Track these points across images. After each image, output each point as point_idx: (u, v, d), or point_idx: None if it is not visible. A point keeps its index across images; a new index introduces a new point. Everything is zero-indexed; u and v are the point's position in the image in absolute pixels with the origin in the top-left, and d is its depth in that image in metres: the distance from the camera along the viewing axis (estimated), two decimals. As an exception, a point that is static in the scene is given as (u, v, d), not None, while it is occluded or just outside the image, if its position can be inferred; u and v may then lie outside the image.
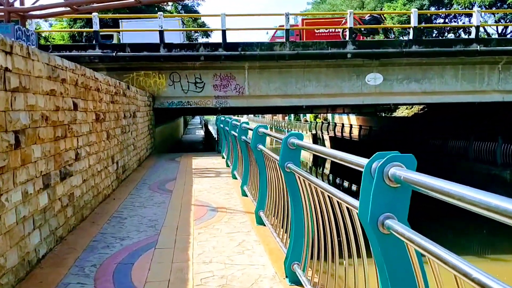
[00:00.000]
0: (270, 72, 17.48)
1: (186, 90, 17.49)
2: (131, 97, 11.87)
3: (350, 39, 16.91)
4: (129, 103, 11.40)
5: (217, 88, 17.54)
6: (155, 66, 17.19)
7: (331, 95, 17.61)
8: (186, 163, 13.31)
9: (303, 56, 16.82)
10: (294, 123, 61.30)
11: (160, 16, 16.76)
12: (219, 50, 16.82)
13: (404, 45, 16.81)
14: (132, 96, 11.96)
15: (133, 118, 11.96)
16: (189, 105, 17.58)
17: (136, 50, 16.71)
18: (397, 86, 17.55)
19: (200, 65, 17.15)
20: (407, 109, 40.76)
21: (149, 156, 15.18)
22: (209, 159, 14.11)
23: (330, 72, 17.52)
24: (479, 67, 17.33)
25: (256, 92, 17.59)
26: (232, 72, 17.47)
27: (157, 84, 17.42)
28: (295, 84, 17.54)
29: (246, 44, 16.82)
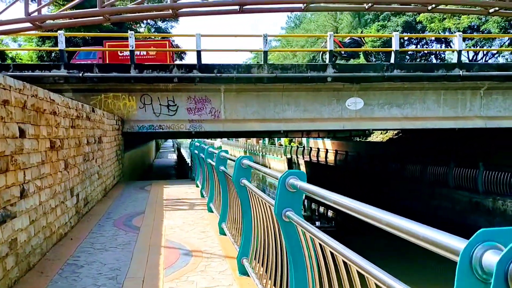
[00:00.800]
0: (248, 95, 16.70)
1: (158, 113, 16.50)
2: (97, 121, 10.83)
3: (331, 63, 16.32)
4: (93, 127, 10.35)
5: (191, 112, 16.61)
6: (125, 88, 16.19)
7: (311, 120, 16.90)
8: (156, 192, 12.25)
9: (282, 79, 16.11)
10: (268, 147, 60.67)
11: (131, 36, 15.84)
12: (194, 71, 15.96)
13: (386, 69, 16.31)
14: (97, 120, 10.91)
15: (98, 144, 10.90)
16: (161, 129, 16.57)
17: (104, 71, 15.70)
18: (378, 111, 16.98)
19: (174, 87, 16.24)
20: (381, 134, 40.61)
21: (116, 185, 14.04)
22: (182, 188, 13.08)
23: (309, 96, 16.85)
24: (461, 92, 16.96)
25: (233, 116, 16.73)
26: (207, 95, 16.60)
27: (127, 107, 16.38)
28: (274, 108, 16.78)
29: (223, 66, 16.02)
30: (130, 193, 12.20)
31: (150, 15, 13.59)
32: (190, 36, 16.42)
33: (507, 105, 16.97)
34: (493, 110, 16.98)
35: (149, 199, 11.04)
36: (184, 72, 15.94)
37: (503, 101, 16.96)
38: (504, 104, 16.97)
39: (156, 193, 12.12)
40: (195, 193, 11.87)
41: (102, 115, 11.82)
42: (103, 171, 11.66)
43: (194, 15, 13.47)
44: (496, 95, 16.92)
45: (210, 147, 9.57)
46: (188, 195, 11.72)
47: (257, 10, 13.27)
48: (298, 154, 45.82)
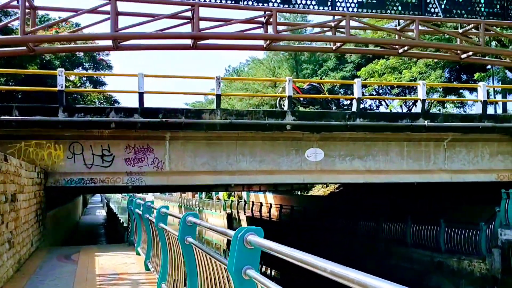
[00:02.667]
0: (197, 144, 14.66)
1: (90, 165, 13.98)
2: (10, 173, 8.30)
3: (290, 109, 14.79)
4: (5, 181, 7.83)
5: (130, 163, 14.25)
6: (51, 135, 13.63)
7: (268, 172, 15.07)
8: (86, 264, 9.65)
9: (237, 127, 14.30)
10: (205, 202, 57.92)
11: (61, 73, 13.49)
12: (135, 116, 13.77)
13: (348, 117, 15.02)
14: (11, 172, 8.39)
15: (11, 203, 8.32)
16: (93, 184, 14.00)
17: (26, 113, 13.12)
18: (339, 163, 15.51)
19: (110, 134, 13.89)
20: (323, 188, 39.64)
21: (35, 253, 11.21)
22: (119, 257, 10.54)
23: (266, 145, 15.11)
24: (424, 144, 15.96)
25: (179, 168, 14.55)
26: (150, 143, 14.37)
27: (52, 157, 13.74)
28: (227, 159, 14.81)
29: (169, 110, 13.98)
30: (52, 265, 9.51)
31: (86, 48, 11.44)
32: (131, 76, 14.35)
33: (470, 158, 16.14)
34: (457, 163, 16.06)
35: (77, 275, 8.46)
36: (123, 117, 13.69)
37: (466, 154, 16.13)
38: (468, 157, 16.12)
39: (86, 265, 9.53)
40: (138, 265, 9.42)
41: (19, 166, 9.27)
42: (17, 238, 8.98)
43: (139, 49, 11.52)
44: (460, 147, 16.08)
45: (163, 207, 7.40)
46: (129, 267, 9.24)
47: (214, 47, 11.58)
48: (239, 209, 43.61)
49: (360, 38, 11.65)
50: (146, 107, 13.95)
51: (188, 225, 4.77)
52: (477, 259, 16.16)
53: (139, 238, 10.70)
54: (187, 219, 4.78)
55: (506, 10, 12.47)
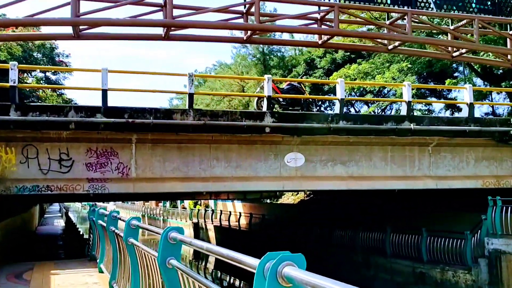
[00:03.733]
0: (167, 147, 13.33)
1: (46, 170, 12.43)
2: None
3: (269, 110, 13.70)
4: None
5: (91, 168, 12.78)
6: (1, 136, 12.02)
7: (244, 178, 13.89)
8: (40, 283, 8.20)
9: (212, 128, 13.08)
10: (170, 211, 56.00)
11: (13, 67, 11.93)
12: (97, 116, 12.34)
13: (331, 120, 14.05)
14: None
15: None
16: (49, 191, 12.44)
17: (-30, 111, 11.51)
18: (321, 169, 14.50)
19: (69, 136, 12.40)
20: (292, 195, 38.73)
21: (-23, 272, 9.63)
22: (80, 276, 9.10)
23: (243, 150, 13.94)
24: (408, 148, 15.16)
25: (147, 174, 13.17)
26: (114, 147, 12.95)
27: (3, 161, 12.13)
28: (199, 164, 13.54)
29: (136, 110, 12.63)
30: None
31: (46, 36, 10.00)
32: (94, 71, 12.94)
33: (455, 164, 15.45)
34: (442, 169, 15.32)
35: (26, 301, 7.04)
36: (84, 116, 12.25)
37: (451, 159, 15.42)
38: (452, 163, 15.42)
39: (40, 285, 8.07)
40: (101, 285, 8.04)
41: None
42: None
43: (103, 38, 10.18)
44: (445, 152, 15.36)
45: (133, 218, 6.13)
46: (90, 287, 7.85)
47: (188, 38, 10.34)
48: (206, 218, 42.09)
49: (350, 31, 10.71)
50: (110, 106, 12.56)
51: (171, 243, 3.56)
52: (462, 270, 15.41)
53: (102, 253, 9.32)
54: (169, 235, 3.54)
55: (497, 7, 11.83)
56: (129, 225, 5.74)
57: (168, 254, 3.55)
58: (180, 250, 3.69)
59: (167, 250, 3.55)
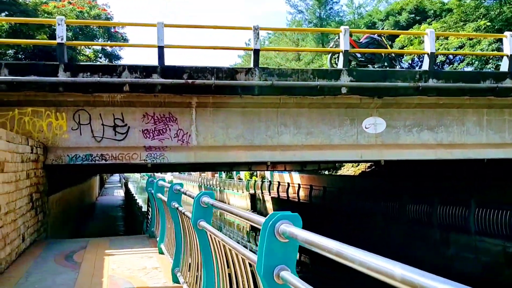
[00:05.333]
0: (230, 112, 11.88)
1: (100, 138, 11.33)
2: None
3: (345, 68, 11.87)
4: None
5: (148, 135, 11.55)
6: (51, 100, 10.96)
7: (316, 147, 12.25)
8: (92, 270, 7.02)
9: (280, 90, 11.45)
10: (226, 182, 55.49)
11: (60, 22, 10.71)
12: (154, 76, 11.01)
13: (419, 78, 12.03)
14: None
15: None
16: (103, 161, 11.36)
17: (19, 73, 10.46)
18: (404, 136, 12.59)
19: (123, 100, 11.18)
20: (353, 167, 36.75)
21: (29, 250, 8.65)
22: (137, 258, 7.89)
23: (314, 114, 12.26)
24: (508, 112, 12.92)
25: (209, 142, 11.80)
26: (172, 111, 11.64)
27: (53, 128, 11.11)
28: (265, 131, 12.01)
29: (196, 69, 11.17)
30: (44, 271, 6.90)
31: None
32: (149, 25, 11.56)
33: None
34: (550, 135, 12.99)
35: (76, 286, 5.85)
36: (140, 77, 10.94)
37: None
38: None
39: (91, 271, 6.90)
40: (162, 272, 6.75)
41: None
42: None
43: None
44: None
45: (207, 194, 4.75)
46: (150, 276, 6.57)
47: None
48: (263, 189, 40.97)
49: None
50: (167, 65, 11.18)
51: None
52: None
53: (163, 232, 8.05)
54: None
55: None
56: (199, 203, 4.29)
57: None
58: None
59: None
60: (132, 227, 17.52)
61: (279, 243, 2.24)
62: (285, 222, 2.26)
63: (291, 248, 2.28)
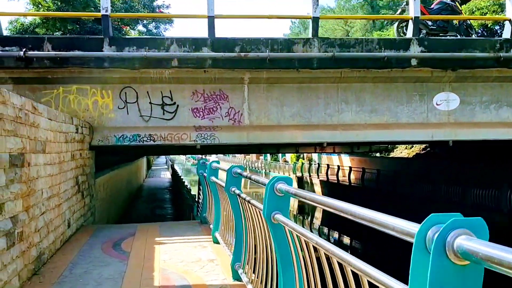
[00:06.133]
0: (285, 88, 10.88)
1: (148, 117, 10.64)
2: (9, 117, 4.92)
3: (415, 37, 10.60)
4: None
5: (198, 114, 10.76)
6: (96, 77, 10.32)
7: (381, 126, 11.09)
8: (141, 261, 6.30)
9: (341, 62, 10.34)
10: (272, 164, 54.72)
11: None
12: (203, 50, 10.16)
13: (499, 47, 10.60)
14: (7, 116, 5.00)
15: (13, 169, 4.98)
16: (151, 141, 10.67)
17: (62, 48, 9.85)
18: (480, 113, 11.22)
19: (172, 76, 10.40)
20: (406, 149, 34.98)
21: (74, 237, 8.08)
22: (190, 247, 7.12)
23: (378, 90, 11.08)
24: None
25: (262, 121, 10.89)
26: (223, 88, 10.77)
27: (99, 107, 10.50)
28: (324, 109, 10.96)
29: (249, 41, 10.23)
30: (90, 262, 6.24)
31: None
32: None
33: None
34: None
35: (124, 280, 5.12)
36: (189, 51, 10.11)
37: None
38: None
39: (141, 263, 6.17)
40: (219, 266, 5.94)
41: (32, 108, 5.90)
42: (33, 224, 5.73)
43: None
44: None
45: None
46: (206, 271, 5.76)
47: None
48: (311, 172, 39.87)
49: None
50: (218, 37, 10.28)
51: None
52: None
53: (217, 219, 7.24)
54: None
55: None
56: (274, 191, 3.37)
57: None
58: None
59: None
60: (180, 211, 16.98)
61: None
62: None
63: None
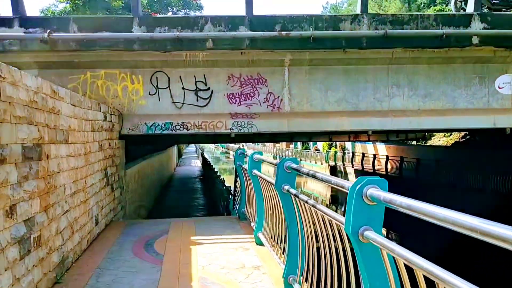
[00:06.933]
0: (330, 71, 9.91)
1: (180, 104, 9.87)
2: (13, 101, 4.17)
3: (477, 12, 9.44)
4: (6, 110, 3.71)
5: (234, 100, 9.92)
6: (125, 61, 9.60)
7: (436, 112, 10.02)
8: (177, 263, 5.53)
9: (394, 41, 9.30)
10: (303, 153, 53.61)
11: (134, -31, 9.20)
12: (240, 28, 9.27)
13: None
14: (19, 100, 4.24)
15: (27, 162, 4.23)
16: (185, 130, 9.90)
17: (89, 29, 9.13)
18: (549, 97, 10.01)
19: (206, 58, 9.57)
20: (445, 137, 33.38)
21: (103, 235, 7.39)
22: (231, 250, 6.31)
23: (433, 72, 9.99)
24: None
25: (304, 107, 9.96)
26: (261, 72, 9.89)
27: (129, 93, 9.78)
28: (373, 93, 9.95)
29: (291, 19, 9.29)
30: (119, 266, 5.50)
31: None
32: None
33: None
34: None
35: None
36: (224, 30, 9.24)
37: None
38: None
39: (176, 268, 5.39)
40: (266, 272, 5.10)
41: (51, 91, 5.14)
42: (53, 227, 5.01)
43: None
44: None
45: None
46: (251, 278, 4.93)
47: None
48: (345, 161, 38.69)
49: None
50: (256, 15, 9.37)
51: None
52: None
53: (261, 219, 6.39)
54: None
55: None
56: (361, 198, 2.47)
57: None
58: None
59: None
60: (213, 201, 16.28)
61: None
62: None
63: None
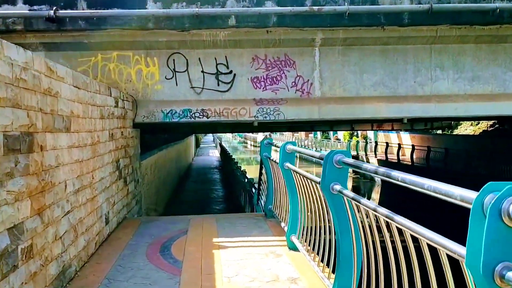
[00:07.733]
0: (366, 51, 8.91)
1: (199, 89, 8.98)
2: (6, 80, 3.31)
3: (536, -19, 8.34)
4: None
5: (259, 85, 9.00)
6: (139, 41, 8.73)
7: (485, 97, 8.96)
8: (198, 272, 4.68)
9: (441, 16, 8.24)
10: (323, 142, 52.52)
11: None
12: (266, 3, 8.31)
13: None
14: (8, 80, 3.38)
15: (15, 155, 3.39)
16: (204, 117, 9.03)
17: (99, 6, 8.28)
18: None
19: (228, 38, 8.65)
20: (472, 126, 32.04)
21: (115, 234, 6.57)
22: (260, 252, 5.44)
23: (482, 52, 8.91)
24: None
25: (337, 92, 8.99)
26: (289, 53, 8.93)
27: (143, 77, 8.93)
28: (414, 76, 8.92)
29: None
30: (132, 275, 4.66)
31: None
32: None
33: None
34: None
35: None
36: (248, 6, 8.30)
37: None
38: None
39: (198, 278, 4.53)
40: (304, 283, 4.21)
41: (49, 69, 4.28)
42: (47, 233, 4.18)
43: None
44: None
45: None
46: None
47: None
48: (367, 151, 37.55)
49: None
50: (284, -12, 8.39)
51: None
52: None
53: (295, 219, 5.49)
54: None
55: None
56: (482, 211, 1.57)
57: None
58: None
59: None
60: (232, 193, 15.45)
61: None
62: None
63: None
